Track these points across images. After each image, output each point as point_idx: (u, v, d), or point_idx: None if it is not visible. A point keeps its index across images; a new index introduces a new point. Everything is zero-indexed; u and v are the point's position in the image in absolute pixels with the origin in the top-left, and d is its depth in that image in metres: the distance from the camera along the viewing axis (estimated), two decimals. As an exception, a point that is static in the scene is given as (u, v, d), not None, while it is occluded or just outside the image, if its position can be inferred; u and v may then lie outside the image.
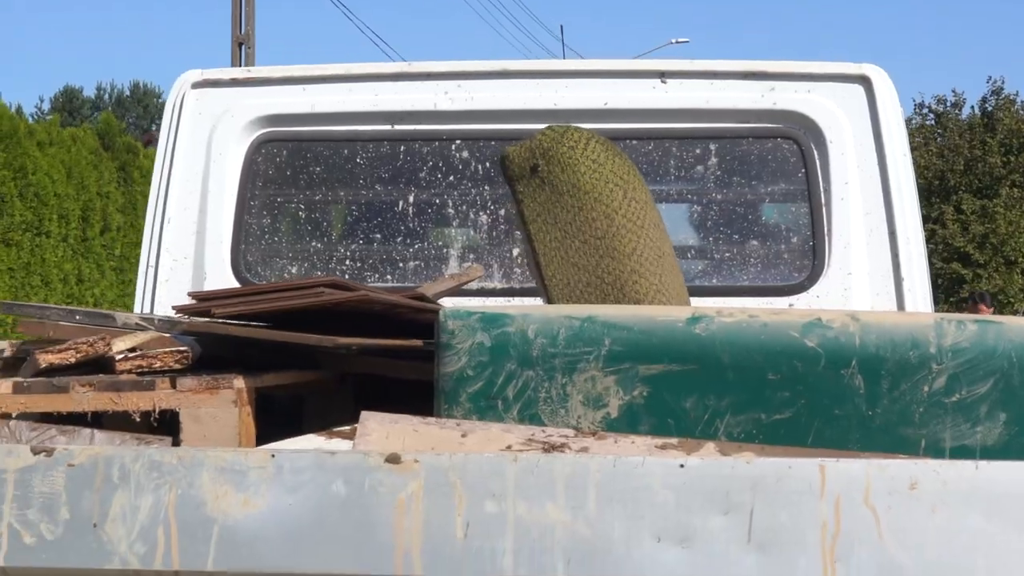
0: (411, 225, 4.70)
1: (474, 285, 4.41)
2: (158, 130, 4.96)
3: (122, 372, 2.63)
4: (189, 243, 4.62)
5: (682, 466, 2.02)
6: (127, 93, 68.96)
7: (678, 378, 2.60)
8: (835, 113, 4.52)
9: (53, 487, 2.07)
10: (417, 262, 4.66)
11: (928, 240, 30.80)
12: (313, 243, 4.77)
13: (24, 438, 2.36)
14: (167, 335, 2.78)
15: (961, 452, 2.55)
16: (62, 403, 2.51)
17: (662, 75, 4.63)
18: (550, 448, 2.29)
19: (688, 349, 2.61)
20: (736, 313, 2.66)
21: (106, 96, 68.60)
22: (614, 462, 2.04)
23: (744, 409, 2.58)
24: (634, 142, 4.63)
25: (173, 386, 2.54)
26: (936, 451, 2.56)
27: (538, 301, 4.44)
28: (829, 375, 2.57)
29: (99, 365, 2.69)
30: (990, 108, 33.22)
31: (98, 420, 2.67)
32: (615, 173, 3.12)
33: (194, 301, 2.81)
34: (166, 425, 2.58)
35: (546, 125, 3.68)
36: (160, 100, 61.77)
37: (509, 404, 2.60)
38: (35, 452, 2.07)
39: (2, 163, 8.75)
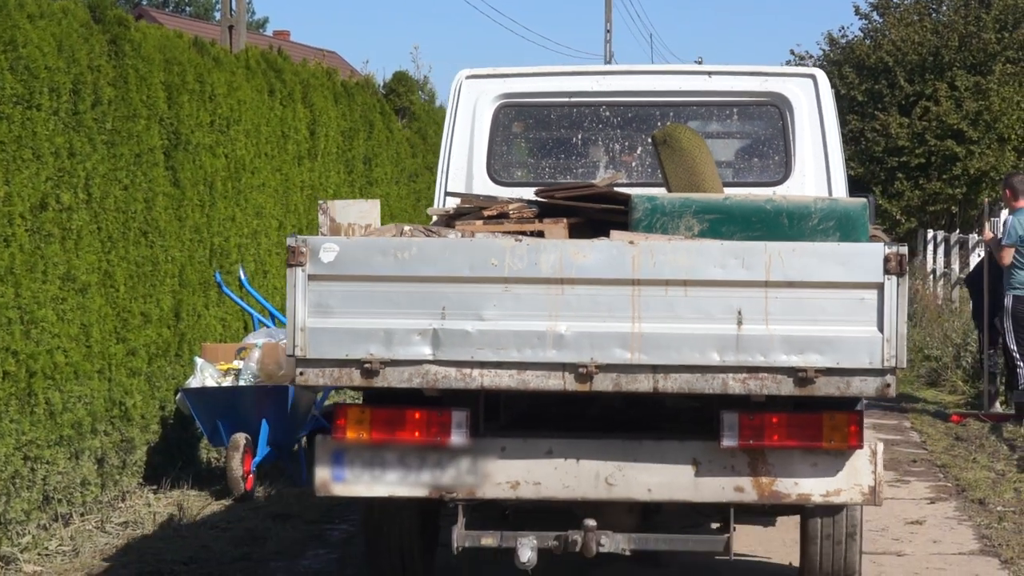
0: (579, 150, 9.04)
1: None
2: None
3: (513, 218, 7.02)
4: (464, 159, 8.94)
5: (722, 244, 6.42)
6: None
7: (719, 220, 6.99)
8: (798, 94, 8.78)
9: (520, 253, 6.41)
10: (583, 169, 9.00)
11: (921, 117, 32.00)
12: (529, 159, 9.15)
13: (499, 237, 6.67)
14: (523, 202, 7.19)
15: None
16: (500, 228, 6.91)
17: (709, 73, 8.94)
18: (680, 239, 6.66)
19: (722, 209, 7.01)
20: (741, 195, 7.08)
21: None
22: (699, 245, 6.44)
23: (743, 232, 6.97)
24: (693, 107, 8.98)
25: (541, 221, 6.94)
26: (814, 246, 6.95)
27: (640, 188, 8.82)
28: (775, 218, 6.96)
29: (502, 215, 7.08)
30: (986, -17, 31.35)
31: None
32: (697, 143, 7.58)
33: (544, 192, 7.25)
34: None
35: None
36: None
37: (658, 230, 6.99)
38: (515, 239, 6.44)
39: (-7, 36, 8.57)
